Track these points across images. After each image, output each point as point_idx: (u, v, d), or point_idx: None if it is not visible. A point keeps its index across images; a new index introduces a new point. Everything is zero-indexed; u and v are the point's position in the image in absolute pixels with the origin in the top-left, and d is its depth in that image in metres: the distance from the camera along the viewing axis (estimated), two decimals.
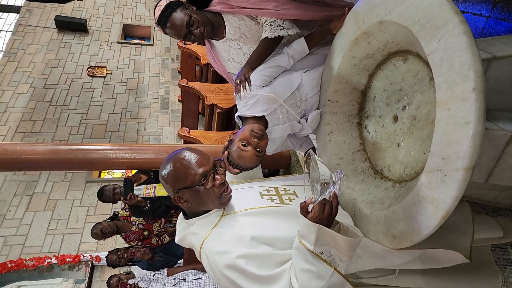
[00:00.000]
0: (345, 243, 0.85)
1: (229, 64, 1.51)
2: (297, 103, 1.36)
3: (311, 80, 1.39)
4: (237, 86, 1.27)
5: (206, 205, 1.02)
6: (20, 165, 2.22)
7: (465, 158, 0.76)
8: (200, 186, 0.97)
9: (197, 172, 0.96)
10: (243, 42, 1.43)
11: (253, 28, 1.40)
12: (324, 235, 0.84)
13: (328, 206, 0.85)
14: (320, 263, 0.85)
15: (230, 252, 0.92)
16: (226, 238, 0.96)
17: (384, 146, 1.21)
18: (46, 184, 4.91)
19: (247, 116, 1.31)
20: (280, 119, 1.32)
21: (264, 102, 1.28)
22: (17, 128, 5.48)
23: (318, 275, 0.85)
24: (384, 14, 1.05)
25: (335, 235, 0.84)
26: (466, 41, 0.78)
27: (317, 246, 0.85)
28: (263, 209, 1.05)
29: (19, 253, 4.26)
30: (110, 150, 2.33)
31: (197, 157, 0.98)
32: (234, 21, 1.38)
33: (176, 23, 1.28)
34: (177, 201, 1.00)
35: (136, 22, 7.63)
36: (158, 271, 2.82)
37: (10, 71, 6.20)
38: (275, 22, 1.31)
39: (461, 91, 0.77)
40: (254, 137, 1.14)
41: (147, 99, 6.28)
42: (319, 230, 0.83)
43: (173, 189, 0.99)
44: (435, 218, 0.84)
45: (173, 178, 0.97)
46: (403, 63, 1.13)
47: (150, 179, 2.80)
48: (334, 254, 0.86)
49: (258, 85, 1.28)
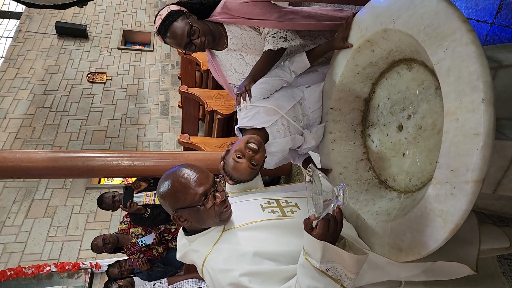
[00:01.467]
0: (351, 261, 0.83)
1: (230, 75, 1.49)
2: (299, 117, 1.34)
3: (313, 94, 1.37)
4: (237, 98, 1.26)
5: (206, 223, 1.00)
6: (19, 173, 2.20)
7: (475, 171, 0.74)
8: (200, 206, 0.94)
9: (197, 192, 0.94)
10: (246, 52, 1.42)
11: (256, 38, 1.38)
12: (330, 252, 0.82)
13: (332, 222, 0.82)
14: (327, 280, 0.83)
15: (233, 270, 0.89)
16: (228, 255, 0.93)
17: (388, 155, 1.19)
18: (45, 191, 4.88)
19: (247, 128, 1.29)
20: (281, 131, 1.30)
21: (264, 113, 1.26)
22: (16, 134, 5.46)
23: None
24: (388, 22, 1.04)
25: (341, 252, 0.82)
26: (475, 50, 0.76)
27: (323, 264, 0.83)
28: (265, 222, 1.02)
29: (18, 260, 4.22)
30: (110, 157, 2.31)
31: (196, 176, 0.95)
32: (236, 31, 1.37)
33: (176, 33, 1.27)
34: (177, 219, 0.98)
35: (136, 28, 7.66)
36: (159, 281, 2.79)
37: (10, 77, 6.19)
38: (277, 33, 1.30)
39: (470, 102, 0.76)
40: (249, 150, 1.11)
41: (147, 105, 6.27)
42: (324, 247, 0.81)
43: (172, 208, 0.97)
44: (444, 232, 0.82)
45: (172, 198, 0.95)
46: (408, 71, 1.11)
47: (150, 186, 2.78)
48: (341, 271, 0.84)
49: (258, 96, 1.27)
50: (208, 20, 1.37)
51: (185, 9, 1.32)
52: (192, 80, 4.88)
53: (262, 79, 1.30)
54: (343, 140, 1.35)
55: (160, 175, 0.99)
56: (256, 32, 1.37)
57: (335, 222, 0.83)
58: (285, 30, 1.31)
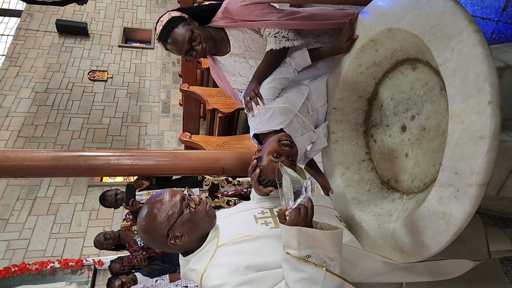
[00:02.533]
0: (327, 238, 0.84)
1: (235, 80, 1.48)
2: (310, 112, 1.32)
3: (318, 88, 1.36)
4: (247, 104, 1.22)
5: (200, 227, 1.02)
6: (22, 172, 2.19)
7: (480, 174, 0.74)
8: (186, 209, 0.99)
9: (176, 200, 0.99)
10: (249, 55, 1.41)
11: (258, 40, 1.37)
12: (304, 235, 0.84)
13: (303, 209, 0.86)
14: (310, 267, 0.83)
15: (226, 284, 0.91)
16: (222, 271, 0.94)
17: (391, 156, 1.18)
18: (48, 189, 4.91)
19: (265, 132, 1.26)
20: (297, 130, 1.28)
21: (280, 114, 1.23)
22: (19, 132, 5.47)
23: (311, 281, 0.83)
24: (392, 22, 1.03)
25: (314, 232, 0.84)
26: (482, 52, 0.75)
27: (302, 250, 0.84)
28: (258, 234, 1.01)
29: (22, 257, 4.26)
30: (111, 156, 2.30)
31: (165, 194, 1.01)
32: (238, 35, 1.36)
33: (177, 39, 1.26)
34: (174, 242, 0.98)
35: (136, 25, 7.63)
36: (160, 277, 2.80)
37: (12, 76, 6.20)
38: (279, 33, 1.28)
39: (476, 104, 0.75)
40: (284, 146, 1.08)
41: (148, 103, 6.27)
42: (298, 232, 0.84)
43: (165, 232, 0.97)
44: (447, 234, 0.81)
45: (160, 221, 0.97)
46: (412, 71, 1.10)
47: (152, 185, 2.78)
48: (322, 255, 0.85)
49: (270, 98, 1.24)
50: (209, 26, 1.37)
51: (186, 15, 1.31)
52: (193, 78, 4.87)
53: (267, 79, 1.27)
54: (345, 140, 1.34)
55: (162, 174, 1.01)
56: (258, 34, 1.36)
57: (306, 208, 0.86)
58: (287, 29, 1.29)
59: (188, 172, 2.46)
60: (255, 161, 1.11)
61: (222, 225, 1.09)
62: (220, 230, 1.06)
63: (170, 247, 0.99)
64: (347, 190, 1.25)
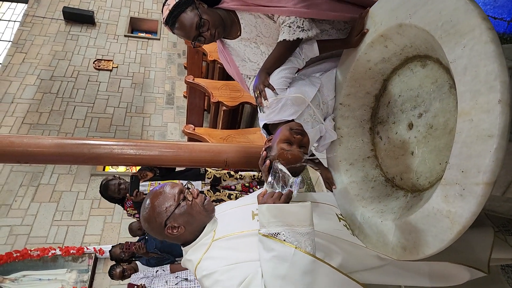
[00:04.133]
0: (294, 211, 0.86)
1: (244, 65, 1.42)
2: (320, 105, 1.30)
3: (330, 80, 1.33)
4: (258, 99, 1.18)
5: (196, 219, 1.04)
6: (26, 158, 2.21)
7: (487, 173, 0.73)
8: (183, 202, 1.03)
9: (174, 192, 1.04)
10: (260, 41, 1.34)
11: (271, 26, 1.30)
12: (272, 211, 0.86)
13: (277, 193, 0.89)
14: (279, 245, 0.85)
15: (214, 272, 0.94)
16: (214, 264, 0.97)
17: (397, 153, 1.18)
18: (51, 176, 4.95)
19: (275, 122, 1.23)
20: (308, 122, 1.25)
21: (292, 104, 1.20)
22: (23, 119, 5.51)
23: (279, 258, 0.84)
24: (404, 17, 1.01)
25: (281, 206, 0.86)
26: (494, 49, 0.74)
27: (271, 227, 0.87)
28: (252, 232, 1.01)
29: (24, 243, 4.31)
30: (115, 145, 2.31)
31: (166, 186, 1.06)
32: (250, 19, 1.29)
33: (185, 25, 1.21)
34: (171, 232, 1.02)
35: (143, 15, 7.60)
36: (161, 267, 2.82)
37: (18, 62, 6.21)
38: (294, 23, 1.22)
39: (486, 102, 0.74)
40: (296, 134, 1.05)
41: (152, 94, 6.27)
42: (266, 208, 0.87)
43: (163, 221, 1.01)
44: (450, 233, 0.81)
45: (158, 211, 1.01)
46: (422, 68, 1.09)
47: (156, 176, 2.79)
48: (292, 231, 0.86)
49: (281, 88, 1.20)
50: (219, 7, 1.30)
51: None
52: (198, 70, 4.85)
53: (278, 69, 1.23)
54: (351, 136, 1.33)
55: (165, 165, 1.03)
56: (271, 20, 1.29)
57: (280, 193, 0.90)
58: (302, 18, 1.23)
59: (191, 164, 2.46)
60: (265, 153, 1.09)
61: (221, 219, 1.11)
62: (218, 224, 1.08)
63: (168, 237, 1.04)
64: (350, 186, 1.25)
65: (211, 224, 1.08)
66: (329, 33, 1.35)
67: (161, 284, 2.59)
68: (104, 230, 4.58)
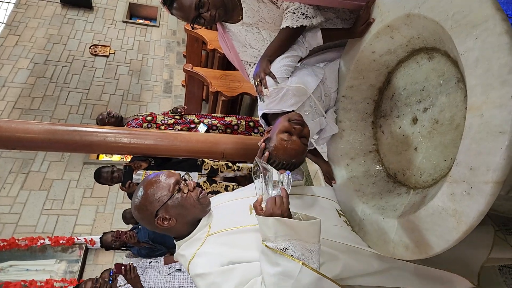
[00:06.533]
0: (304, 228, 0.82)
1: (244, 51, 1.37)
2: (322, 97, 1.26)
3: (333, 72, 1.29)
4: (258, 87, 1.14)
5: (190, 213, 1.00)
6: (15, 144, 2.14)
7: (496, 171, 0.70)
8: (177, 193, 0.98)
9: (170, 183, 0.99)
10: (262, 27, 1.30)
11: (275, 11, 1.25)
12: (281, 225, 0.81)
13: (278, 198, 0.84)
14: (286, 261, 0.80)
15: (209, 274, 0.90)
16: (208, 261, 0.93)
17: (399, 148, 1.14)
18: (42, 163, 4.85)
19: (275, 113, 1.19)
20: (308, 114, 1.21)
21: (293, 94, 1.16)
22: (15, 104, 5.37)
23: (285, 275, 0.80)
24: (412, 7, 0.97)
25: (291, 222, 0.82)
26: (508, 41, 0.70)
27: (279, 242, 0.82)
28: (248, 227, 0.99)
29: (12, 231, 4.22)
30: (109, 133, 2.25)
31: (162, 174, 1.01)
32: (253, 3, 1.24)
33: (184, 5, 1.16)
34: (161, 223, 0.97)
35: (142, 1, 7.44)
36: (155, 259, 2.79)
37: (11, 45, 6.05)
38: (298, 9, 1.17)
39: (498, 97, 0.70)
40: (296, 125, 1.02)
41: (150, 82, 6.16)
42: (274, 222, 0.81)
43: (153, 212, 0.96)
44: (456, 233, 0.78)
45: (151, 200, 0.97)
46: (428, 61, 1.05)
47: (150, 166, 2.74)
48: (301, 247, 0.81)
49: (283, 77, 1.16)
50: None
51: None
52: (197, 59, 4.76)
53: (280, 57, 1.20)
54: (352, 130, 1.29)
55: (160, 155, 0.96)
56: (275, 5, 1.24)
57: (280, 197, 0.84)
58: (307, 5, 1.18)
59: (188, 155, 2.41)
60: (264, 144, 1.05)
61: (216, 212, 1.07)
62: (214, 218, 1.04)
63: (157, 228, 0.99)
64: (351, 181, 1.22)
65: (207, 218, 1.03)
66: (333, 22, 1.30)
67: (153, 274, 2.55)
68: (96, 220, 4.51)
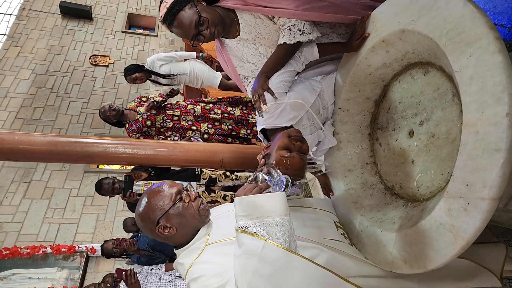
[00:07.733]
0: (265, 201, 0.81)
1: (241, 65, 1.39)
2: (320, 110, 1.27)
3: (330, 85, 1.31)
4: (256, 103, 1.15)
5: (189, 222, 1.01)
6: (17, 155, 2.15)
7: (493, 188, 0.71)
8: (179, 203, 1.01)
9: (172, 192, 1.02)
10: (259, 42, 1.31)
11: (271, 27, 1.27)
12: (243, 203, 0.82)
13: (252, 185, 0.86)
14: (249, 238, 0.79)
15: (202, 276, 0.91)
16: (205, 269, 0.93)
17: (396, 161, 1.15)
18: (44, 172, 4.87)
19: (274, 128, 1.20)
20: (307, 128, 1.23)
21: (291, 109, 1.18)
22: (17, 114, 5.41)
23: (249, 253, 0.79)
24: (407, 23, 0.99)
25: (249, 197, 0.81)
26: (502, 60, 0.71)
27: (241, 221, 0.82)
28: None
29: (14, 240, 4.23)
30: (109, 144, 2.26)
31: (165, 184, 1.04)
32: (250, 19, 1.26)
33: (183, 23, 1.17)
34: (162, 231, 0.99)
35: (141, 12, 7.51)
36: (156, 266, 2.79)
37: (13, 56, 6.10)
38: (294, 26, 1.19)
39: (493, 115, 0.71)
40: (295, 141, 1.02)
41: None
42: (240, 200, 0.83)
43: (155, 220, 0.99)
44: (454, 248, 0.79)
45: (153, 208, 0.99)
46: (423, 75, 1.06)
47: (150, 176, 2.75)
48: (262, 223, 0.80)
49: (281, 92, 1.18)
50: (218, 5, 1.27)
51: None
52: None
53: (277, 73, 1.21)
54: (349, 142, 1.30)
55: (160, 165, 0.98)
56: (271, 21, 1.26)
57: (256, 185, 0.86)
58: (303, 21, 1.20)
59: (186, 164, 2.42)
60: (263, 160, 1.06)
61: (215, 222, 1.08)
62: (213, 228, 1.05)
63: (158, 236, 1.01)
64: (349, 193, 1.23)
65: (206, 228, 1.05)
66: (329, 37, 1.32)
67: (154, 281, 2.56)
68: (96, 228, 4.51)
